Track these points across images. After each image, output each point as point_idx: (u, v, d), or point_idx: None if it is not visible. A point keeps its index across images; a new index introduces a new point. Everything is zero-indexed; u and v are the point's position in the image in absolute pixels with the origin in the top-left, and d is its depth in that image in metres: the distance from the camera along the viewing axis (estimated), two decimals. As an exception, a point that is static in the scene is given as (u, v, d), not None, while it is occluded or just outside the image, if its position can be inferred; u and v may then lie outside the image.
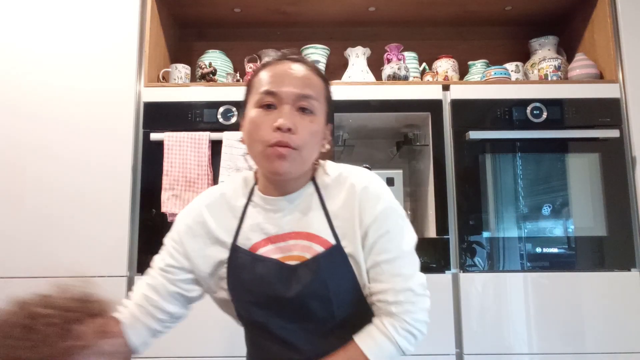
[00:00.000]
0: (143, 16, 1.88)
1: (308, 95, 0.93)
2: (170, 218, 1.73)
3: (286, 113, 0.91)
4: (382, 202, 0.94)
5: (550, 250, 1.74)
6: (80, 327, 0.81)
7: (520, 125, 1.79)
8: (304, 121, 0.92)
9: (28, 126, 1.77)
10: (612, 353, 1.65)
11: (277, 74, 0.94)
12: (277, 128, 0.89)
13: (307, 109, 0.93)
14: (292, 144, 0.89)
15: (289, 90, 0.92)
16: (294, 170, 0.92)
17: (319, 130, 0.95)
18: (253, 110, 0.94)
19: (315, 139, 0.94)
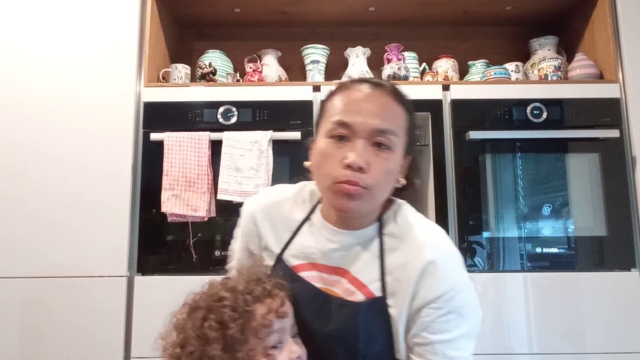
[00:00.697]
0: (143, 16, 1.88)
1: (385, 130, 0.83)
2: (170, 218, 1.73)
3: (359, 149, 0.81)
4: (448, 282, 0.84)
5: (550, 250, 1.74)
6: (259, 307, 0.83)
7: (520, 125, 1.79)
8: (378, 158, 0.82)
9: (28, 126, 1.77)
10: (612, 353, 1.65)
11: (353, 102, 0.85)
12: (348, 165, 0.81)
13: (383, 145, 0.83)
14: (362, 183, 0.81)
15: (364, 123, 0.82)
16: (361, 210, 0.85)
17: (394, 168, 0.85)
18: (323, 139, 0.85)
19: (389, 178, 0.85)
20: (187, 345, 0.81)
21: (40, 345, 1.65)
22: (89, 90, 1.79)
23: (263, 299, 0.83)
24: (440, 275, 0.84)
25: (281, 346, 0.83)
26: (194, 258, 1.72)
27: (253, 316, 0.81)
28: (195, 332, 0.82)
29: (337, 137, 0.84)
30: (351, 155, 0.81)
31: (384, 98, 0.86)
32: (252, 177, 1.72)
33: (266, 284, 0.85)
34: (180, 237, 1.74)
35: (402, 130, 0.87)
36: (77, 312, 1.66)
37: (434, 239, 0.89)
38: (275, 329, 0.82)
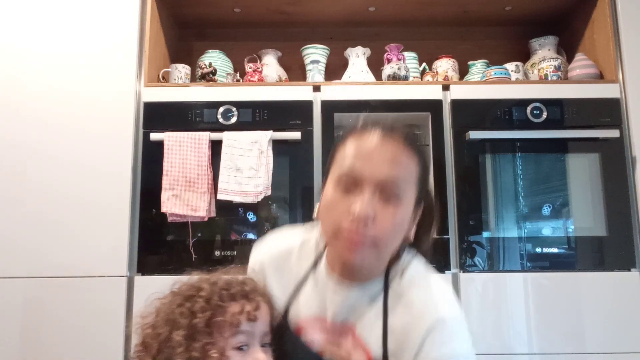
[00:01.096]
0: (143, 16, 1.88)
1: (394, 181, 0.79)
2: (170, 218, 1.73)
3: (366, 200, 0.77)
4: (453, 344, 0.80)
5: (550, 250, 1.74)
6: (232, 305, 0.81)
7: (520, 125, 1.79)
8: (386, 211, 0.78)
9: (28, 126, 1.77)
10: (612, 353, 1.65)
11: (362, 152, 0.81)
12: (353, 217, 0.77)
13: (391, 196, 0.79)
14: (368, 235, 0.77)
15: (372, 173, 0.79)
16: (365, 264, 0.82)
17: (403, 220, 0.81)
18: (331, 187, 0.82)
19: (397, 231, 0.81)
20: (158, 327, 0.83)
21: (40, 345, 1.65)
22: (89, 90, 1.79)
23: (238, 298, 0.82)
24: (447, 335, 0.80)
25: (247, 349, 0.81)
26: (194, 258, 1.72)
27: (223, 312, 0.81)
28: (167, 316, 0.84)
29: (345, 186, 0.80)
30: (357, 206, 0.77)
31: (395, 147, 0.81)
32: (252, 177, 1.72)
33: (247, 286, 0.84)
34: (180, 237, 1.74)
35: (412, 180, 0.82)
36: (77, 312, 1.66)
37: (441, 299, 0.85)
38: (243, 330, 0.80)
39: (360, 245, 0.78)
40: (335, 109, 1.81)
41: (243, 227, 1.78)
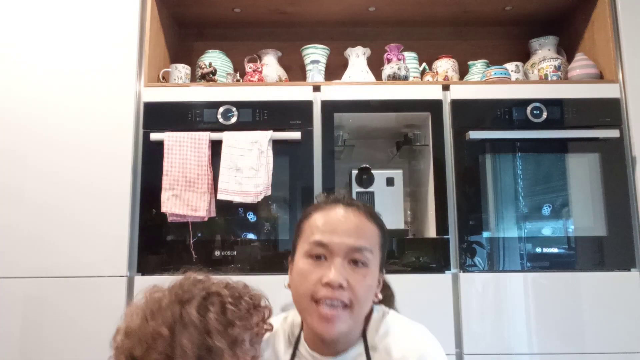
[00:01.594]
0: (143, 16, 1.88)
1: (362, 248, 0.86)
2: (170, 218, 1.73)
3: (337, 267, 0.84)
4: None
5: (550, 250, 1.74)
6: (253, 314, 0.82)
7: (520, 125, 1.79)
8: (357, 275, 0.85)
9: (28, 126, 1.77)
10: (612, 353, 1.65)
11: (329, 222, 0.88)
12: (327, 284, 0.83)
13: (360, 262, 0.86)
14: (343, 299, 0.83)
15: (340, 242, 0.86)
16: (343, 331, 0.86)
17: (372, 283, 0.88)
18: (302, 260, 0.88)
19: (368, 293, 0.87)
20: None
21: (40, 345, 1.65)
22: (89, 90, 1.79)
23: (255, 308, 0.82)
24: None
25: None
26: (194, 258, 1.72)
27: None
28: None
29: (315, 257, 0.87)
30: (330, 274, 0.83)
31: (358, 217, 0.89)
32: (252, 177, 1.72)
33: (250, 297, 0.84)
34: (180, 237, 1.74)
35: (377, 246, 0.90)
36: (77, 312, 1.66)
37: (417, 338, 0.89)
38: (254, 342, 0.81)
39: (335, 315, 0.83)
40: (335, 109, 1.81)
41: (243, 227, 1.78)
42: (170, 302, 0.82)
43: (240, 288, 0.84)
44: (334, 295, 0.83)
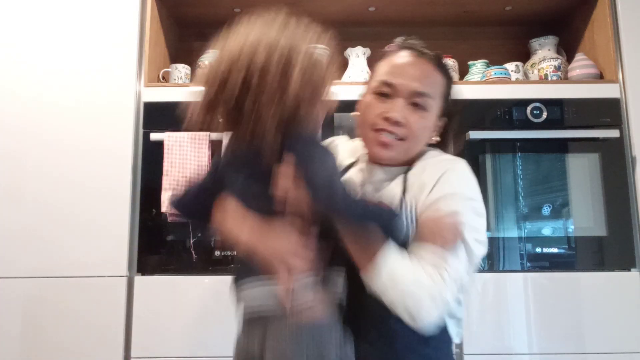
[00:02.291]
0: (143, 16, 1.88)
1: (423, 93, 0.96)
2: (170, 218, 1.72)
3: (398, 105, 0.95)
4: (455, 185, 0.93)
5: (550, 250, 1.74)
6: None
7: (520, 125, 1.79)
8: (415, 115, 0.95)
9: (28, 126, 1.77)
10: (612, 353, 1.65)
11: (398, 66, 0.98)
12: (386, 118, 0.94)
13: (419, 105, 0.96)
14: (398, 134, 0.95)
15: (405, 84, 0.96)
16: (394, 159, 0.98)
17: (427, 125, 0.98)
18: (369, 95, 1.00)
19: (423, 134, 0.98)
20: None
21: (40, 345, 1.65)
22: (89, 90, 1.79)
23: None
24: (451, 179, 0.93)
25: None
26: (194, 258, 1.72)
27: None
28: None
29: (381, 94, 0.98)
30: (391, 110, 0.95)
31: (426, 65, 0.98)
32: (252, 177, 1.71)
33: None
34: (180, 237, 1.74)
35: (438, 94, 0.99)
36: (77, 312, 1.66)
37: (451, 159, 1.00)
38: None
39: (389, 143, 0.95)
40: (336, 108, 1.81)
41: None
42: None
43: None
44: (391, 128, 0.94)
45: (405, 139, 0.95)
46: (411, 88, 0.95)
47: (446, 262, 0.85)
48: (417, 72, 0.97)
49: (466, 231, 0.88)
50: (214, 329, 1.66)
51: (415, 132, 0.96)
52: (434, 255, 0.86)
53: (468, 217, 0.90)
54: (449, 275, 0.84)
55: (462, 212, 0.89)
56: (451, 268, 0.85)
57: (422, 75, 0.97)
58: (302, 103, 0.83)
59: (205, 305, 1.67)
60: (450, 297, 0.85)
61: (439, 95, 0.99)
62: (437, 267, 0.85)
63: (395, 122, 0.94)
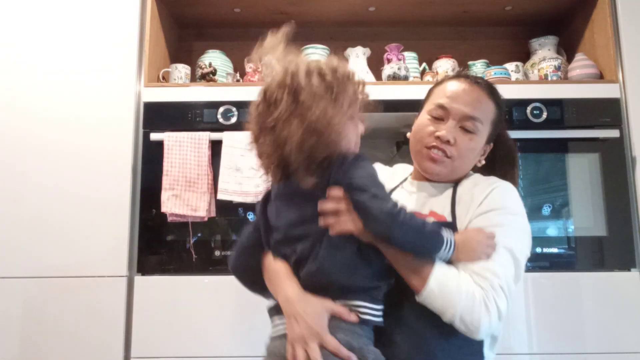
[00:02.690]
0: (143, 16, 1.88)
1: (474, 117, 1.04)
2: (170, 218, 1.73)
3: (449, 127, 1.03)
4: (503, 199, 0.99)
5: (550, 250, 1.74)
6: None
7: (520, 125, 1.79)
8: (464, 137, 1.03)
9: (28, 126, 1.77)
10: (612, 353, 1.65)
11: (454, 91, 1.06)
12: (438, 137, 1.02)
13: (469, 129, 1.03)
14: (447, 152, 1.02)
15: (458, 109, 1.04)
16: (443, 175, 1.05)
17: (475, 148, 1.05)
18: (424, 115, 1.08)
19: (470, 155, 1.05)
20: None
21: (40, 346, 1.65)
22: (89, 90, 1.79)
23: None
24: (501, 192, 1.00)
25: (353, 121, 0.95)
26: (194, 258, 1.72)
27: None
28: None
29: (435, 117, 1.06)
30: (443, 131, 1.03)
31: (479, 92, 1.06)
32: (252, 177, 1.72)
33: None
34: (180, 237, 1.74)
35: (488, 120, 1.06)
36: (77, 312, 1.66)
37: (500, 179, 1.06)
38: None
39: (439, 159, 1.03)
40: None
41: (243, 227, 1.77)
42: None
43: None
44: (442, 146, 1.02)
45: (453, 158, 1.03)
46: (463, 112, 1.03)
47: (494, 272, 0.90)
48: (470, 98, 1.05)
49: (512, 243, 0.94)
50: (214, 329, 1.66)
51: (463, 152, 1.03)
52: (481, 267, 0.91)
53: (513, 231, 0.97)
54: (499, 282, 0.89)
55: (508, 225, 0.96)
56: (499, 277, 0.90)
57: (474, 101, 1.05)
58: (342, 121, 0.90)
59: (205, 305, 1.67)
60: (503, 304, 0.89)
61: (489, 121, 1.06)
62: (485, 277, 0.90)
63: (447, 141, 1.02)
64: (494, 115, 1.08)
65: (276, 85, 0.91)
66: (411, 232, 0.86)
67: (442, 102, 1.06)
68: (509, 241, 0.94)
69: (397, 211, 0.85)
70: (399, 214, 0.85)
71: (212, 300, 1.66)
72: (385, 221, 0.85)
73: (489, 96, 1.07)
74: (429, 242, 0.89)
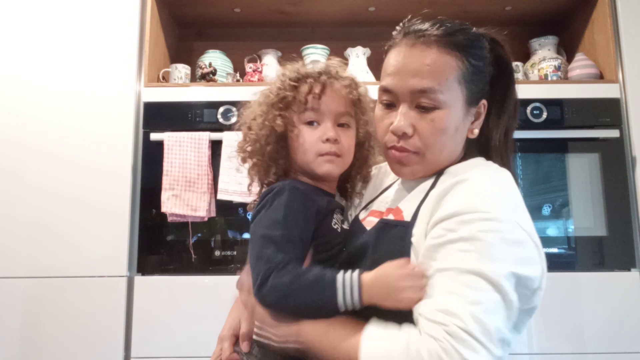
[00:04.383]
0: (143, 16, 1.88)
1: (426, 90, 0.77)
2: (170, 218, 1.73)
3: (402, 113, 0.78)
4: (471, 201, 0.71)
5: (550, 250, 1.74)
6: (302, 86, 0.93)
7: (520, 125, 1.76)
8: (424, 121, 0.78)
9: (28, 125, 1.77)
10: (612, 353, 1.65)
11: (394, 64, 0.81)
12: (392, 131, 0.79)
13: (426, 106, 0.77)
14: (410, 148, 0.79)
15: (402, 86, 0.78)
16: (418, 173, 0.82)
17: (447, 125, 0.78)
18: (377, 106, 0.85)
19: (442, 137, 0.78)
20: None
21: (40, 345, 1.65)
22: (89, 89, 1.79)
23: (311, 80, 0.90)
24: (466, 191, 0.73)
25: (317, 125, 0.88)
26: (194, 258, 1.72)
27: (295, 91, 0.90)
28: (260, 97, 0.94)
29: (385, 105, 0.83)
30: (395, 122, 0.79)
31: (426, 51, 0.79)
32: (252, 177, 1.72)
33: (329, 68, 0.93)
34: (180, 237, 1.74)
35: (452, 82, 0.78)
36: (77, 312, 1.66)
37: (484, 167, 0.81)
38: (310, 107, 0.88)
39: (405, 160, 0.80)
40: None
41: (243, 227, 1.78)
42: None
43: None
44: (399, 143, 0.79)
45: (420, 151, 0.79)
46: (410, 88, 0.77)
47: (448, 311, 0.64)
48: (414, 66, 0.78)
49: (481, 264, 0.66)
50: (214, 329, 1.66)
51: (431, 140, 0.78)
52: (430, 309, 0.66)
53: (485, 245, 0.67)
54: (460, 325, 0.63)
55: (475, 239, 0.67)
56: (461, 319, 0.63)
57: (421, 67, 0.77)
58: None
59: (205, 305, 1.67)
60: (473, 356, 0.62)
61: (454, 81, 0.78)
62: (437, 321, 0.64)
63: (403, 134, 0.78)
64: (461, 70, 0.79)
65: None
66: (284, 288, 0.75)
67: (384, 83, 0.81)
68: (474, 262, 0.66)
69: (267, 270, 0.76)
70: (268, 274, 0.75)
71: (212, 300, 1.66)
72: (255, 288, 0.78)
73: (443, 49, 0.79)
74: (315, 293, 0.74)
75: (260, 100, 0.92)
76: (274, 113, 0.88)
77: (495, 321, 0.65)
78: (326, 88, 0.89)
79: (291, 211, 0.82)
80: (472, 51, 0.81)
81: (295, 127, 0.88)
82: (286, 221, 0.81)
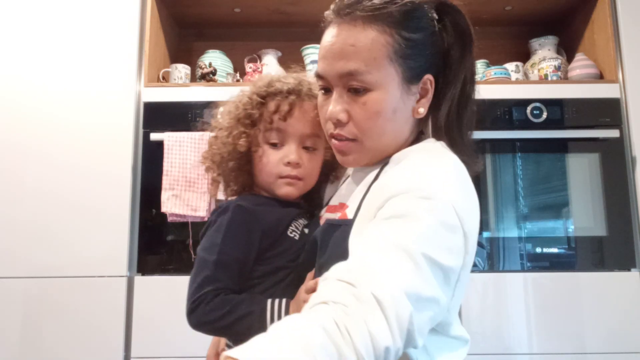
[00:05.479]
0: (143, 16, 1.88)
1: (352, 72, 0.72)
2: (170, 218, 1.73)
3: (335, 99, 0.74)
4: (407, 180, 0.68)
5: (550, 250, 1.74)
6: (269, 103, 0.91)
7: (520, 125, 1.79)
8: (356, 105, 0.73)
9: (28, 125, 1.77)
10: (612, 353, 1.65)
11: (324, 48, 0.77)
12: (329, 118, 0.75)
13: (357, 88, 0.72)
14: (347, 135, 0.74)
15: (330, 70, 0.74)
16: (362, 161, 0.78)
17: (382, 108, 0.72)
18: (320, 93, 0.80)
19: (379, 120, 0.73)
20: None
21: (40, 346, 1.65)
22: (89, 90, 1.79)
23: (280, 97, 0.88)
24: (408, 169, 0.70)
25: (280, 147, 0.87)
26: (194, 258, 1.71)
27: (262, 108, 0.88)
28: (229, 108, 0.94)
29: (323, 91, 0.78)
30: (329, 110, 0.75)
31: (351, 30, 0.73)
32: (252, 177, 1.72)
33: (300, 86, 0.90)
34: (180, 237, 1.74)
35: (382, 60, 0.72)
36: (77, 312, 1.66)
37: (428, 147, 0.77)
38: (276, 127, 0.86)
39: (344, 149, 0.76)
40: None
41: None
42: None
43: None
44: (338, 130, 0.75)
45: (358, 138, 0.74)
46: (337, 70, 0.72)
47: (356, 279, 0.56)
48: (339, 46, 0.73)
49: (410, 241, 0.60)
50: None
51: (367, 125, 0.73)
52: (333, 277, 0.58)
53: (416, 224, 0.62)
54: (370, 290, 0.55)
55: (408, 216, 0.63)
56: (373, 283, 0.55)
57: (345, 47, 0.72)
58: None
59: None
60: (382, 325, 0.53)
61: (385, 58, 0.71)
62: (340, 291, 0.55)
63: (337, 122, 0.74)
64: (392, 45, 0.71)
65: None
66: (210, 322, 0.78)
67: (318, 69, 0.77)
68: (403, 238, 0.60)
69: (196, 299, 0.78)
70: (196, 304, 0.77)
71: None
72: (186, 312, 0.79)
73: (368, 25, 0.72)
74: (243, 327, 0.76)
75: (230, 110, 0.91)
76: (239, 129, 0.87)
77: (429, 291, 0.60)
78: (294, 109, 0.86)
79: (231, 232, 0.82)
80: (406, 23, 0.73)
81: (259, 146, 0.87)
82: (225, 244, 0.81)
